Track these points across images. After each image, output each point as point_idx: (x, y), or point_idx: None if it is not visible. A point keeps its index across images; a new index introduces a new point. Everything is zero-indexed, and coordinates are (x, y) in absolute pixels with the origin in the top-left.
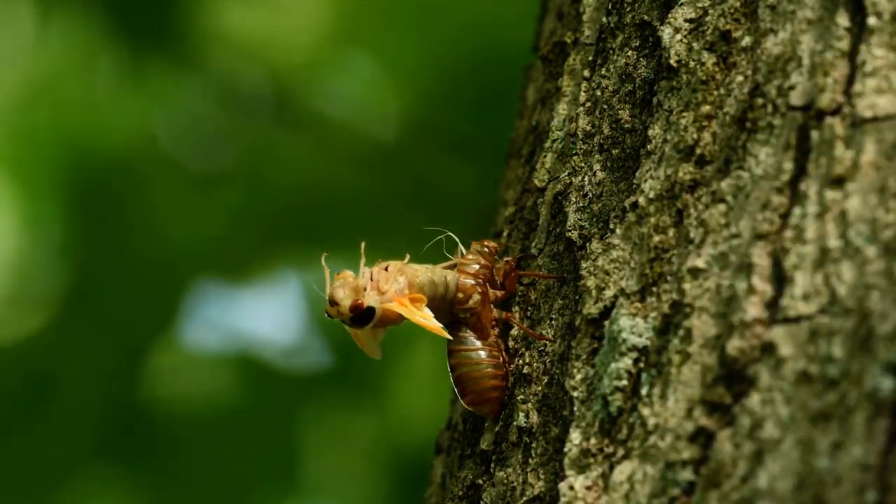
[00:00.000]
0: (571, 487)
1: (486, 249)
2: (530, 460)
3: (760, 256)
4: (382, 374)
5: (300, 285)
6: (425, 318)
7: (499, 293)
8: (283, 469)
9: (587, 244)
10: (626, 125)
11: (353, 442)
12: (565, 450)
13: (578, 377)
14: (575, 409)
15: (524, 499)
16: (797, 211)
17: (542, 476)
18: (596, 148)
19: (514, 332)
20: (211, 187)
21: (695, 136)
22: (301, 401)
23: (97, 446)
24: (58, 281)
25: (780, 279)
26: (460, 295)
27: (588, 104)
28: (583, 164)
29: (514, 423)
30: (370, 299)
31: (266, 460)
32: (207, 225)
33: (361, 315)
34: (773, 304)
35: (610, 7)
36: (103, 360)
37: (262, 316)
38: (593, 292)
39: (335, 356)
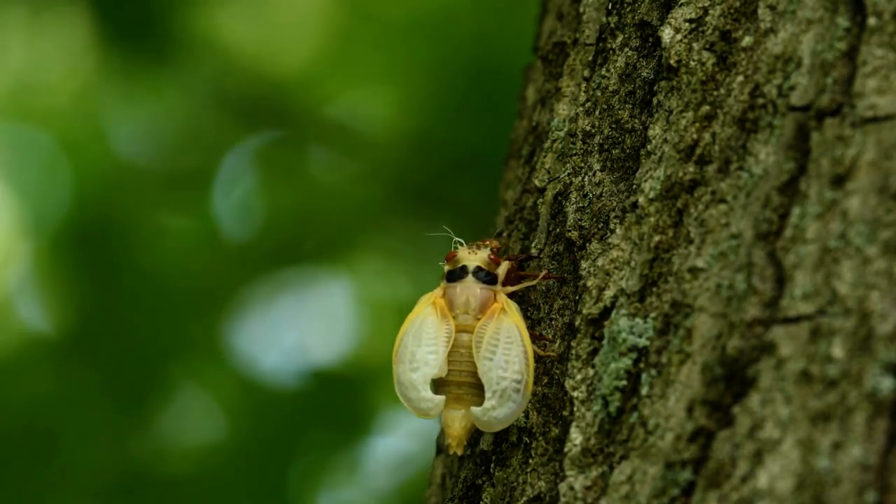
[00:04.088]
0: (571, 487)
1: (487, 249)
2: (530, 460)
3: (760, 256)
4: (380, 387)
5: (298, 306)
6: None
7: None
8: (283, 496)
9: (587, 244)
10: (626, 125)
11: (349, 452)
12: (565, 450)
13: (578, 377)
14: (575, 409)
15: (524, 499)
16: (797, 211)
17: (542, 476)
18: (596, 148)
19: None
20: (208, 197)
21: (695, 136)
22: (302, 423)
23: (100, 488)
24: (59, 314)
25: (780, 279)
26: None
27: (588, 104)
28: (583, 164)
29: (515, 423)
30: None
31: (266, 487)
32: (207, 237)
33: (492, 270)
34: (773, 304)
35: (610, 7)
36: (106, 404)
37: (265, 334)
38: (593, 292)
39: (331, 377)
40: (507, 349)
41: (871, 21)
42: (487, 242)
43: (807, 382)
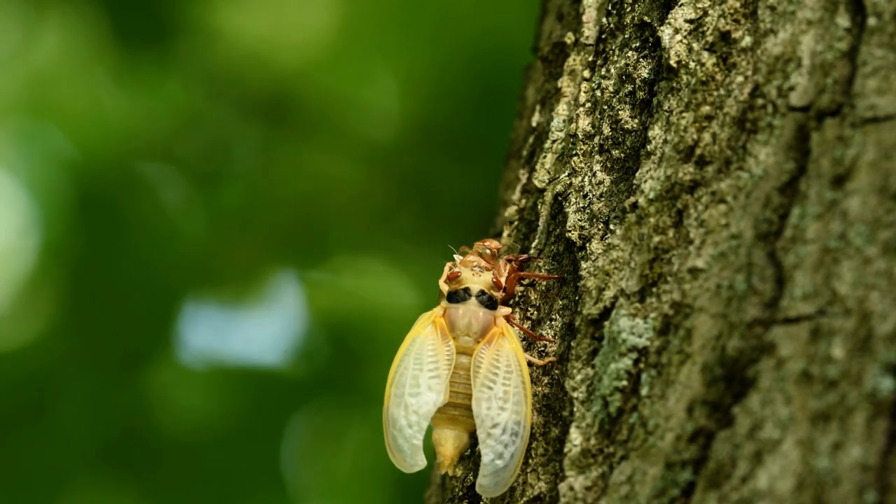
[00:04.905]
0: (571, 488)
1: (487, 250)
2: (530, 461)
3: (760, 257)
4: (376, 378)
5: (297, 290)
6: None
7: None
8: (276, 476)
9: (587, 245)
10: (626, 126)
11: (346, 447)
12: (565, 450)
13: (578, 378)
14: (575, 409)
15: (524, 499)
16: (797, 211)
17: (542, 476)
18: (596, 148)
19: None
20: (210, 190)
21: (695, 136)
22: (295, 407)
23: (95, 456)
24: (58, 288)
25: (780, 279)
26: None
27: (588, 105)
28: (583, 165)
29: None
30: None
31: (259, 468)
32: (206, 229)
33: (494, 294)
34: (773, 305)
35: (610, 8)
36: (101, 370)
37: (259, 323)
38: (593, 293)
39: (330, 362)
40: (507, 379)
41: (871, 21)
42: (487, 243)
43: (807, 383)
